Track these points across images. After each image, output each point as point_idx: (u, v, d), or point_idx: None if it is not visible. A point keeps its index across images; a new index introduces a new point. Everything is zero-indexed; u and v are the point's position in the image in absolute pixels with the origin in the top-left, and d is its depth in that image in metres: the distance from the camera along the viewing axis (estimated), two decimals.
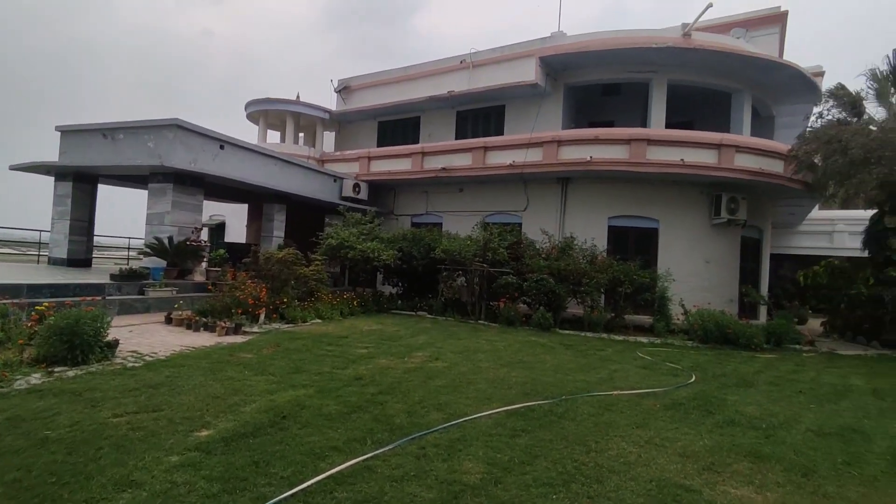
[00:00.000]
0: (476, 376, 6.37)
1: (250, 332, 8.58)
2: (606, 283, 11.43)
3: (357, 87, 19.35)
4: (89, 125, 12.52)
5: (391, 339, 8.82)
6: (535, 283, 11.52)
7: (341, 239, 12.35)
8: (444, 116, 17.80)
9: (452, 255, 12.31)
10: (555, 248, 12.73)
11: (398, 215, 17.96)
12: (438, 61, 17.45)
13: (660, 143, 12.91)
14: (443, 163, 15.68)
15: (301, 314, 9.93)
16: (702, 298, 12.77)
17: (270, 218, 14.60)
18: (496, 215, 15.62)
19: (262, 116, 19.78)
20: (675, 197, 13.75)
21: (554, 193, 14.73)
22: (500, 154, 14.77)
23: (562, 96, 15.41)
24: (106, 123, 12.31)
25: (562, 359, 7.98)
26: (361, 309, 12.04)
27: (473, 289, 12.53)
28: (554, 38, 15.17)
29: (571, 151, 13.65)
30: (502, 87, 15.28)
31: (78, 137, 12.79)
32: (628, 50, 13.57)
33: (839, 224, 20.48)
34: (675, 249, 13.69)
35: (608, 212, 14.10)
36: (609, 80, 15.18)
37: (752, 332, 10.34)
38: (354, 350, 7.59)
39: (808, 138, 12.55)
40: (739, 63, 13.66)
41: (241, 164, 13.10)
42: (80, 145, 12.70)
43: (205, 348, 7.14)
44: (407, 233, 14.08)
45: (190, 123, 11.61)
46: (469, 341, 9.07)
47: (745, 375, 7.51)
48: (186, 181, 11.71)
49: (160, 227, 11.42)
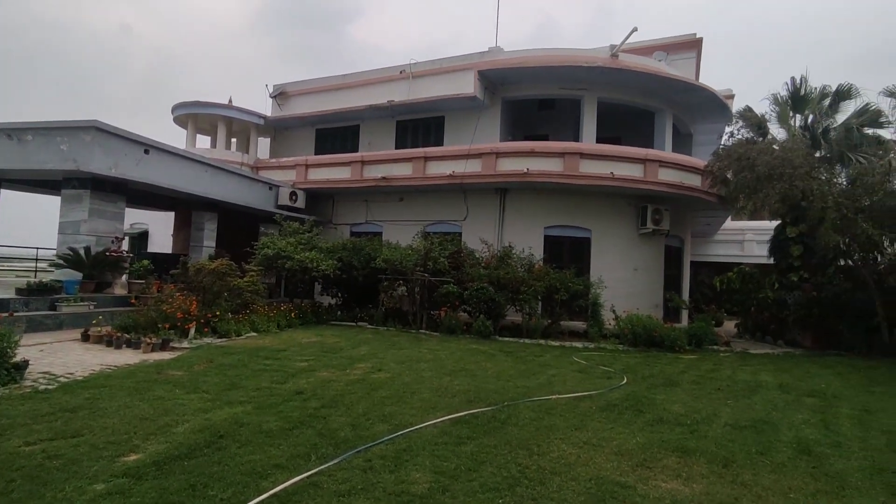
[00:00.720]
0: (420, 386, 6.38)
1: (179, 348, 8.11)
2: (543, 291, 11.82)
3: (294, 93, 18.90)
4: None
5: (332, 350, 8.64)
6: (475, 292, 11.71)
7: (278, 249, 11.96)
8: (384, 125, 17.78)
9: (393, 265, 12.28)
10: (494, 257, 13.02)
11: (337, 224, 17.67)
12: (378, 70, 17.43)
13: (591, 157, 13.60)
14: (383, 172, 15.64)
15: (235, 327, 9.51)
16: (631, 304, 13.51)
17: (201, 227, 13.89)
18: (436, 225, 15.76)
19: (190, 120, 18.83)
20: (605, 208, 14.50)
21: (493, 204, 15.08)
22: (440, 164, 14.95)
23: (499, 109, 15.87)
24: (12, 123, 11.26)
25: (503, 366, 8.15)
26: (300, 321, 11.70)
27: (415, 298, 12.55)
28: (492, 52, 15.62)
29: (509, 163, 14.07)
30: (442, 98, 15.51)
31: None
32: (561, 67, 14.23)
33: (748, 234, 22.41)
34: (606, 257, 14.42)
35: (544, 222, 14.62)
36: (544, 95, 15.83)
37: (676, 335, 11.07)
38: (294, 363, 7.37)
39: (721, 155, 13.70)
40: (661, 84, 14.70)
41: (169, 169, 12.40)
42: None
43: (128, 367, 6.67)
44: (347, 242, 13.88)
45: (110, 125, 10.87)
46: (411, 351, 9.06)
47: (671, 376, 8.02)
48: (106, 187, 10.91)
49: (76, 237, 10.56)
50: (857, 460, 4.45)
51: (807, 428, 5.36)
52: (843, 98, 13.62)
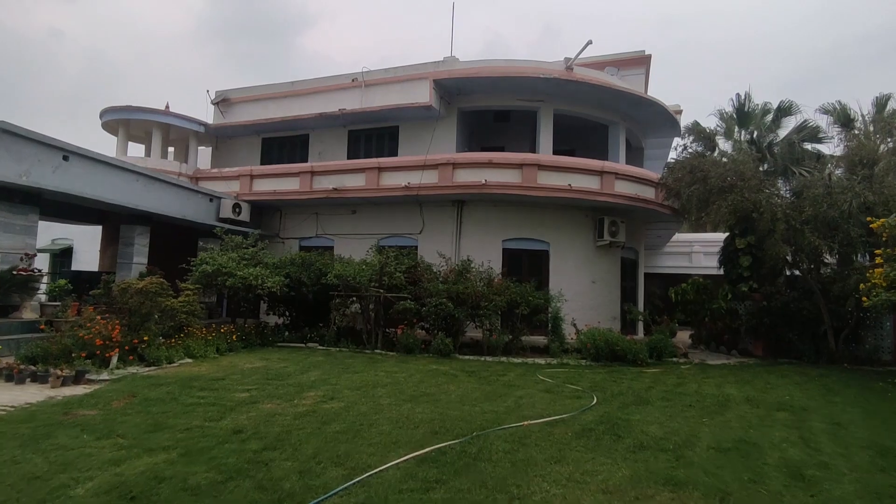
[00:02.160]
0: (378, 416, 5.72)
1: (97, 381, 7.05)
2: (504, 306, 11.41)
3: (237, 99, 17.85)
4: None
5: (278, 377, 7.80)
6: (433, 308, 11.14)
7: (218, 265, 10.92)
8: (335, 135, 17.04)
9: (346, 281, 11.52)
10: (452, 271, 12.52)
11: (285, 238, 16.67)
12: (328, 78, 16.72)
13: (549, 169, 13.43)
14: (334, 183, 14.88)
15: (166, 354, 8.47)
16: (589, 317, 13.36)
17: (130, 242, 12.60)
18: (391, 238, 15.12)
19: (122, 126, 17.35)
20: (563, 220, 14.36)
21: (450, 216, 14.63)
22: (394, 175, 14.37)
23: (455, 120, 15.52)
24: None
25: (466, 388, 7.60)
26: (242, 343, 10.70)
27: (369, 316, 11.83)
28: (447, 62, 15.29)
29: (466, 174, 13.69)
30: (396, 107, 14.99)
31: None
32: (518, 78, 14.07)
33: (696, 245, 23.08)
34: (564, 270, 14.23)
35: (503, 234, 14.29)
36: (500, 106, 15.63)
37: (638, 349, 10.91)
38: (233, 394, 6.52)
39: (675, 167, 13.91)
40: (615, 97, 14.83)
41: (93, 178, 11.16)
42: None
43: (28, 407, 5.63)
44: (295, 257, 12.98)
45: (21, 128, 9.62)
46: (367, 374, 8.35)
47: (640, 392, 7.73)
48: (14, 198, 9.62)
49: None
50: (851, 483, 4.19)
51: (789, 447, 5.10)
52: (785, 114, 14.19)
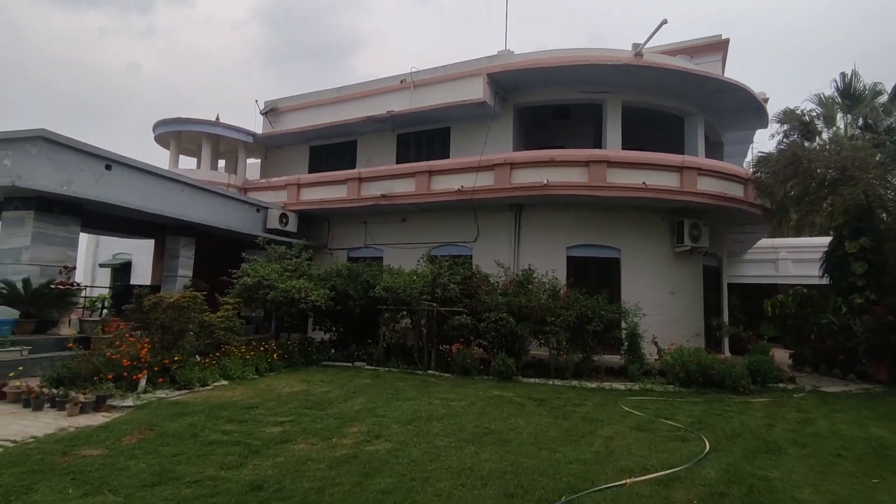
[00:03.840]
0: (434, 465, 4.51)
1: (119, 408, 6.27)
2: (574, 321, 9.96)
3: (286, 108, 17.46)
4: None
5: (318, 405, 6.77)
6: (493, 324, 9.86)
7: (259, 277, 10.16)
8: (383, 140, 16.23)
9: (396, 294, 10.46)
10: (512, 281, 11.21)
11: (333, 249, 15.94)
12: (376, 81, 15.99)
13: (620, 166, 11.93)
14: (383, 189, 13.98)
15: (200, 375, 7.65)
16: (668, 333, 11.65)
17: (175, 254, 12.16)
18: (444, 247, 14.00)
19: (173, 139, 17.34)
20: (636, 223, 12.75)
21: (507, 221, 13.36)
22: (446, 179, 13.29)
23: (511, 118, 14.30)
24: None
25: (539, 423, 6.27)
26: (284, 362, 9.82)
27: (421, 332, 10.70)
28: (501, 56, 14.16)
29: (525, 175, 12.40)
30: (448, 106, 13.96)
31: None
32: (582, 67, 12.69)
33: (782, 252, 20.52)
34: (638, 280, 12.60)
35: (567, 240, 12.86)
36: (561, 100, 14.26)
37: (738, 373, 9.13)
38: (263, 429, 5.52)
39: (769, 160, 12.03)
40: (693, 84, 13.13)
41: (136, 188, 10.75)
42: None
43: (29, 443, 4.83)
44: (341, 268, 12.09)
45: (62, 136, 9.27)
46: (419, 402, 7.19)
47: (760, 433, 6.12)
48: (55, 208, 9.25)
49: (15, 267, 8.84)
50: None
51: None
52: None
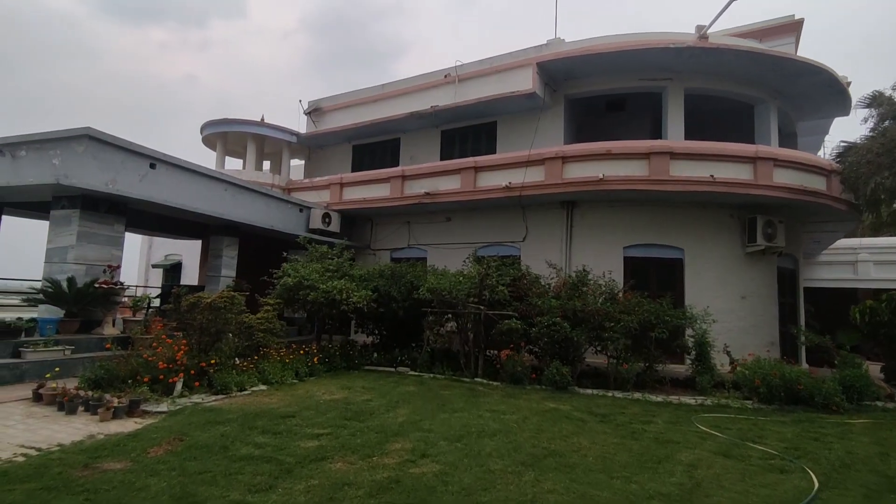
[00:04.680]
0: (489, 497, 3.86)
1: (153, 413, 5.95)
2: (636, 327, 9.06)
3: (329, 108, 17.27)
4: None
5: (358, 415, 6.25)
6: (546, 329, 9.10)
7: (300, 277, 9.81)
8: (427, 137, 15.74)
9: (441, 296, 9.87)
10: (565, 283, 10.41)
11: (376, 250, 15.56)
12: (419, 77, 15.52)
13: (684, 157, 10.90)
14: (427, 187, 13.45)
15: (237, 379, 7.30)
16: (739, 341, 10.54)
17: (218, 254, 12.05)
18: (490, 247, 13.31)
19: (219, 140, 17.47)
20: (701, 221, 11.66)
21: (558, 220, 12.54)
22: (493, 175, 12.61)
23: (562, 110, 13.47)
24: (6, 138, 9.86)
25: (604, 443, 5.49)
26: (325, 366, 9.40)
27: (467, 336, 10.06)
28: (551, 45, 13.36)
29: (579, 169, 11.56)
30: (494, 98, 13.29)
31: None
32: (641, 52, 11.72)
33: (862, 253, 18.60)
34: (704, 283, 11.49)
35: (624, 240, 11.91)
36: (617, 90, 13.29)
37: (829, 389, 7.98)
38: (298, 442, 5.02)
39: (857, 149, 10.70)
40: (768, 66, 11.88)
41: (179, 187, 10.66)
42: None
43: (52, 452, 4.50)
44: (384, 268, 11.63)
45: (107, 134, 9.22)
46: (468, 414, 6.54)
47: (874, 465, 5.12)
48: (100, 206, 9.20)
49: (62, 266, 8.82)
50: None
51: None
52: None
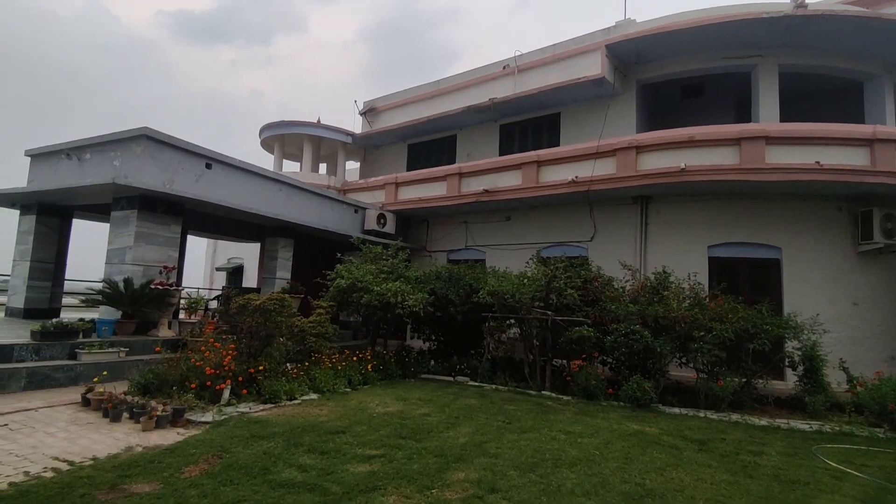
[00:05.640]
0: None
1: (197, 423, 5.53)
2: (731, 337, 7.84)
3: (384, 107, 16.93)
4: (57, 145, 10.33)
5: (415, 433, 5.55)
6: (623, 338, 8.07)
7: (353, 279, 9.32)
8: (484, 132, 15.00)
9: (503, 299, 9.05)
10: (642, 286, 9.30)
11: (432, 252, 14.97)
12: (476, 70, 14.85)
13: (783, 142, 9.51)
14: (485, 184, 12.70)
15: (287, 387, 6.83)
16: (851, 355, 9.05)
17: (273, 255, 11.84)
18: (553, 247, 12.37)
19: (277, 143, 17.57)
20: (803, 215, 10.17)
21: (630, 216, 11.41)
22: (557, 169, 11.67)
23: (634, 97, 12.33)
24: (73, 142, 10.06)
25: (711, 479, 4.48)
26: (379, 374, 8.82)
27: (532, 344, 9.17)
28: (621, 26, 12.26)
29: (655, 159, 10.41)
30: (558, 86, 12.35)
31: (46, 162, 10.61)
32: (728, 25, 10.41)
33: None
34: (806, 287, 10.01)
35: (708, 238, 10.62)
36: (696, 72, 11.97)
37: None
38: (347, 466, 4.38)
39: None
40: (883, 35, 10.21)
41: (234, 187, 10.51)
42: (48, 171, 10.49)
43: (84, 467, 4.10)
44: (441, 270, 10.96)
45: (164, 134, 9.15)
46: (539, 436, 5.69)
47: None
48: (157, 207, 9.11)
49: (121, 267, 8.78)
50: None
51: None
52: None
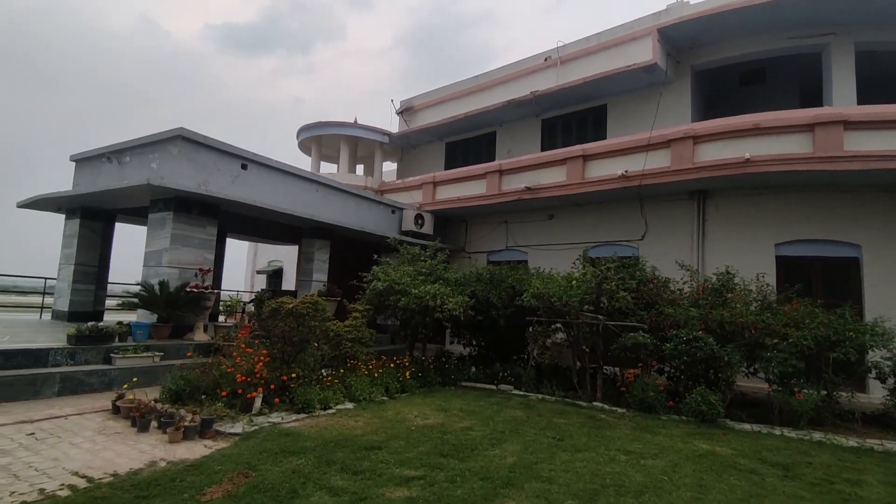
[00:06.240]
0: None
1: (226, 434, 5.21)
2: (811, 345, 6.96)
3: (421, 105, 16.58)
4: (99, 149, 10.43)
5: (457, 451, 5.04)
6: (685, 345, 7.31)
7: (390, 281, 8.91)
8: (525, 128, 14.39)
9: (549, 302, 8.43)
10: (703, 288, 8.49)
11: (471, 253, 14.46)
12: (516, 63, 14.27)
13: (864, 127, 8.50)
14: (527, 181, 12.09)
15: (321, 395, 6.46)
16: None
17: (310, 257, 11.62)
18: (601, 247, 11.63)
19: (314, 144, 17.48)
20: (885, 209, 9.09)
21: (686, 213, 10.57)
22: (605, 163, 10.95)
23: (688, 84, 11.47)
24: (113, 145, 10.13)
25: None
26: (418, 382, 8.35)
27: (581, 351, 8.51)
28: (671, 10, 11.42)
29: (715, 150, 9.55)
30: (605, 76, 11.63)
31: (89, 166, 10.75)
32: (796, 1, 9.47)
33: None
34: (892, 290, 8.92)
35: (775, 235, 9.67)
36: (757, 55, 11.01)
37: None
38: (383, 490, 3.91)
39: None
40: None
41: (270, 188, 10.33)
42: (91, 175, 10.62)
43: (102, 485, 3.78)
44: (482, 272, 10.43)
45: (199, 135, 9.03)
46: (595, 455, 5.08)
47: None
48: (192, 208, 8.99)
49: (157, 269, 8.69)
50: None
51: None
52: None
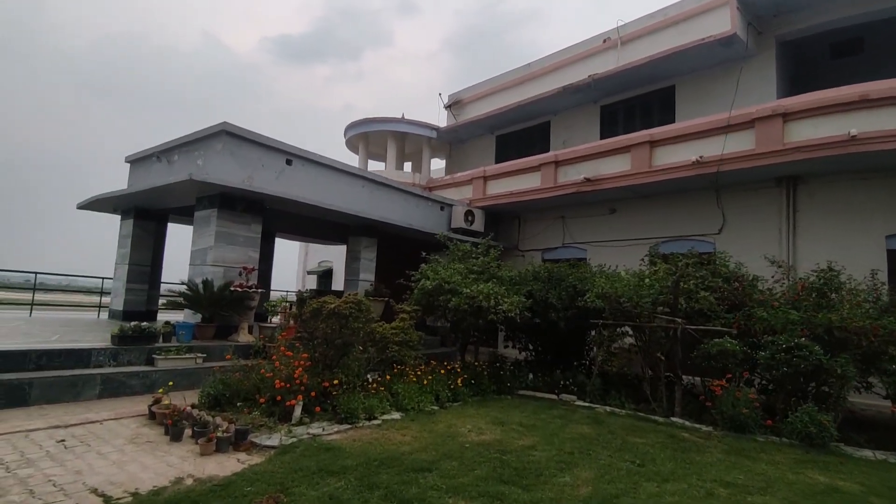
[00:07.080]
0: None
1: (262, 446, 4.73)
2: None
3: (469, 99, 15.91)
4: (151, 149, 10.45)
5: (520, 475, 4.31)
6: (784, 354, 6.24)
7: (440, 279, 8.27)
8: (583, 116, 13.42)
9: (617, 303, 7.53)
10: (803, 288, 7.32)
11: (524, 251, 13.64)
12: (571, 47, 13.31)
13: None
14: (586, 172, 11.15)
15: (366, 404, 5.90)
16: None
17: (356, 256, 11.20)
18: (671, 242, 10.53)
19: (362, 142, 17.19)
20: None
21: (772, 202, 9.34)
22: (676, 149, 9.87)
23: (772, 57, 10.17)
24: (163, 144, 10.10)
25: None
26: (470, 389, 7.66)
27: (655, 358, 7.54)
28: None
29: (809, 128, 8.31)
30: (675, 52, 10.53)
31: (142, 167, 10.81)
32: None
33: None
34: None
35: (884, 226, 8.30)
36: (854, 19, 9.58)
37: None
38: None
39: None
40: None
41: (315, 184, 9.97)
42: (143, 174, 10.66)
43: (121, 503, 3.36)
44: (540, 270, 9.61)
45: (244, 130, 8.76)
46: (687, 487, 4.21)
47: None
48: (237, 205, 8.73)
49: (202, 268, 8.47)
50: None
51: None
52: None
